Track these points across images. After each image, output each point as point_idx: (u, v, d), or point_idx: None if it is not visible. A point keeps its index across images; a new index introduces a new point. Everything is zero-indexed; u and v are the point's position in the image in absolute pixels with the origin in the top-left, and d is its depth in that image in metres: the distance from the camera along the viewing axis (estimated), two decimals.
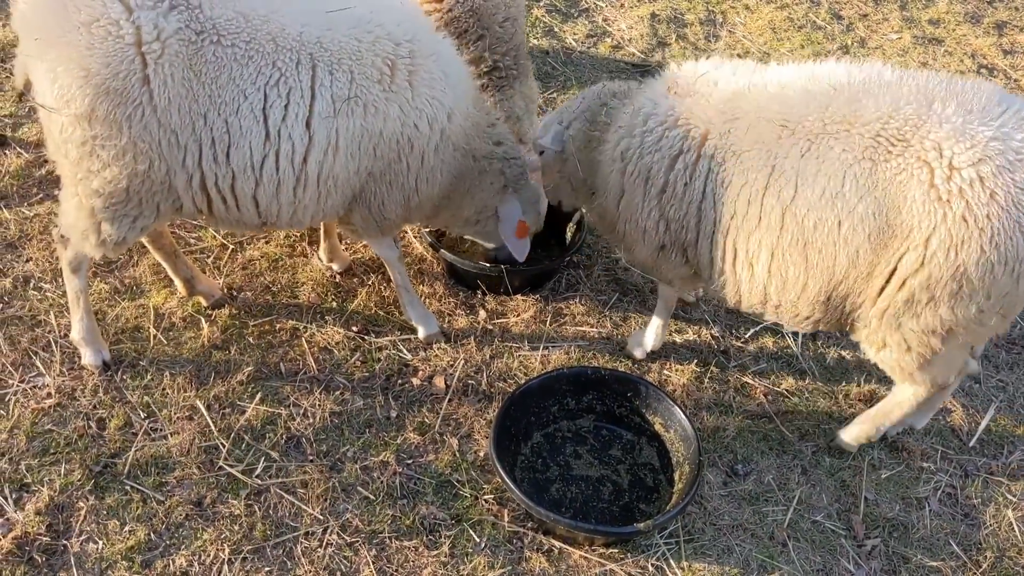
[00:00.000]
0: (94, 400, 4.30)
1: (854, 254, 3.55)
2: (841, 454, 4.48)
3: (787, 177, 3.59)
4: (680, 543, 4.07)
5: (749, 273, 3.86)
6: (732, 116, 3.77)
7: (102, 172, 3.73)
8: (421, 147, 4.12)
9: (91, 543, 3.79)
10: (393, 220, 4.37)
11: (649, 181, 4.00)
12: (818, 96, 3.59)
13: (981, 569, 4.05)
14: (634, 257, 4.36)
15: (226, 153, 3.76)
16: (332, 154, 3.88)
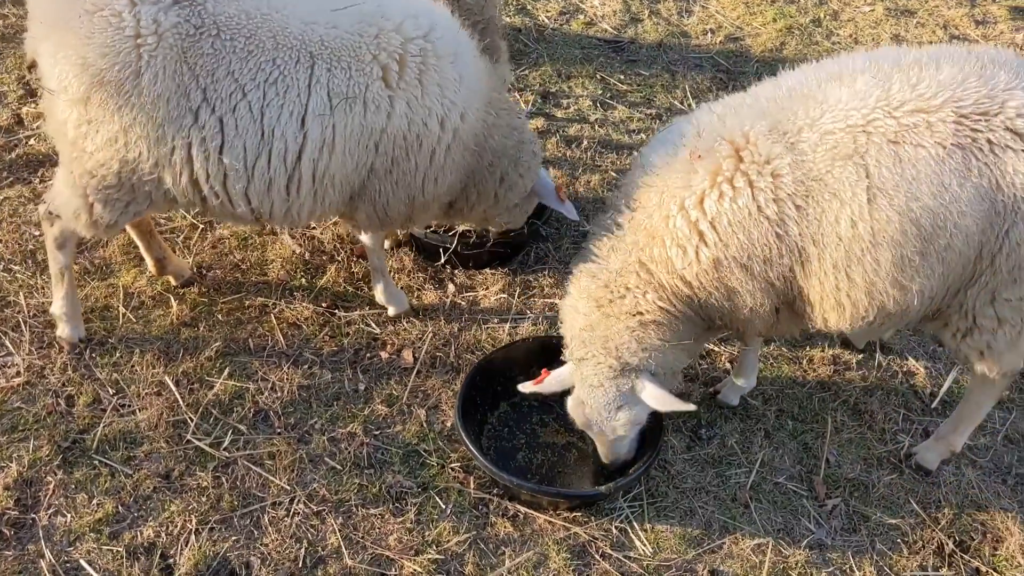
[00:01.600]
0: (63, 378, 4.34)
1: (968, 244, 3.36)
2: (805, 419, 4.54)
3: (891, 183, 3.27)
4: (644, 506, 4.13)
5: (867, 297, 3.47)
6: (787, 143, 3.39)
7: (95, 155, 3.78)
8: (431, 146, 4.04)
9: (59, 516, 3.84)
10: (395, 219, 4.31)
11: (746, 267, 3.50)
12: (863, 89, 3.37)
13: (940, 526, 4.12)
14: (750, 332, 3.93)
15: (218, 151, 3.75)
16: (328, 152, 3.84)
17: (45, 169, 5.44)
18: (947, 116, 3.25)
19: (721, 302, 3.57)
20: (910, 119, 3.26)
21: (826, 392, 4.68)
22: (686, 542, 4.01)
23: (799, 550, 4.01)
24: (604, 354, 3.69)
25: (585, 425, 3.91)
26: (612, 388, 3.72)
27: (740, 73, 7.06)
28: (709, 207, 3.41)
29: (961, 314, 3.62)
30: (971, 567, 4.00)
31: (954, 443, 4.23)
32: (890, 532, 4.11)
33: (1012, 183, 3.25)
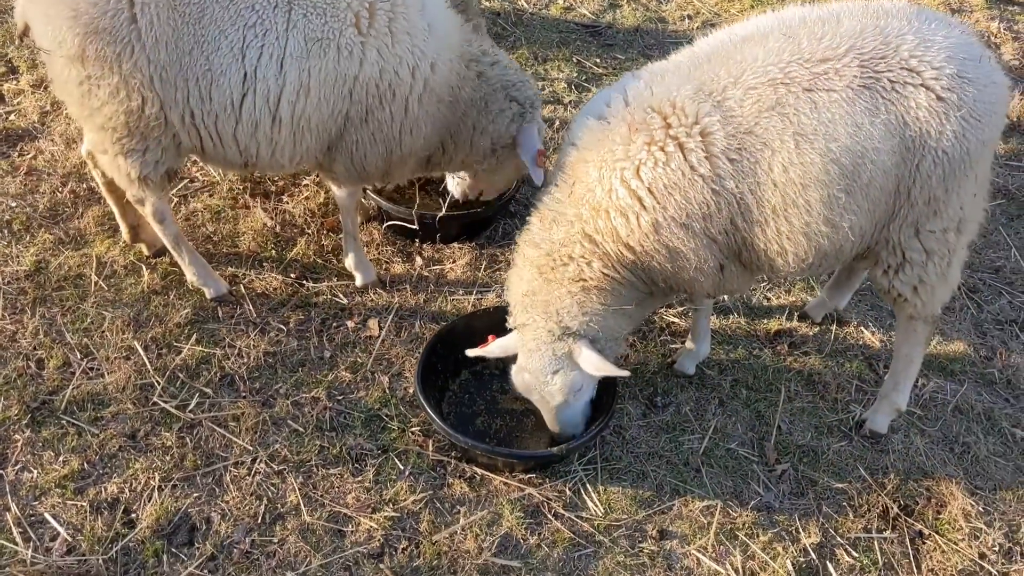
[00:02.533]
0: (34, 342, 4.45)
1: (887, 177, 3.61)
2: (759, 388, 4.65)
3: (813, 129, 3.48)
4: (598, 469, 4.24)
5: (804, 238, 3.64)
6: (714, 102, 3.55)
7: (101, 109, 3.95)
8: (404, 95, 4.18)
9: (26, 472, 3.96)
10: (373, 172, 4.46)
11: (687, 225, 3.62)
12: (776, 47, 3.58)
13: (886, 491, 4.23)
14: (698, 292, 3.95)
15: (208, 91, 3.93)
16: (304, 95, 4.00)
17: (24, 143, 5.55)
18: (851, 62, 3.51)
19: (663, 264, 3.68)
20: (820, 68, 3.51)
21: (781, 363, 4.79)
22: (637, 503, 4.12)
23: (747, 512, 4.12)
24: (544, 318, 3.80)
25: (526, 391, 4.02)
26: (549, 352, 3.83)
27: None
28: (645, 174, 3.56)
29: (889, 250, 3.86)
30: (914, 530, 4.10)
31: (898, 401, 4.36)
32: (837, 496, 4.22)
33: (916, 118, 3.51)
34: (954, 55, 3.55)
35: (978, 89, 3.55)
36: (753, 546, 3.99)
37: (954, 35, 3.64)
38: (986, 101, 3.58)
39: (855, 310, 5.11)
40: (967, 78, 3.53)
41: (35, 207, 5.14)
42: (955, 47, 3.58)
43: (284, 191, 5.46)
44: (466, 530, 3.94)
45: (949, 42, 3.58)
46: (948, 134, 3.53)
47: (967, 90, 3.53)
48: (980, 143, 3.62)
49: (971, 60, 3.59)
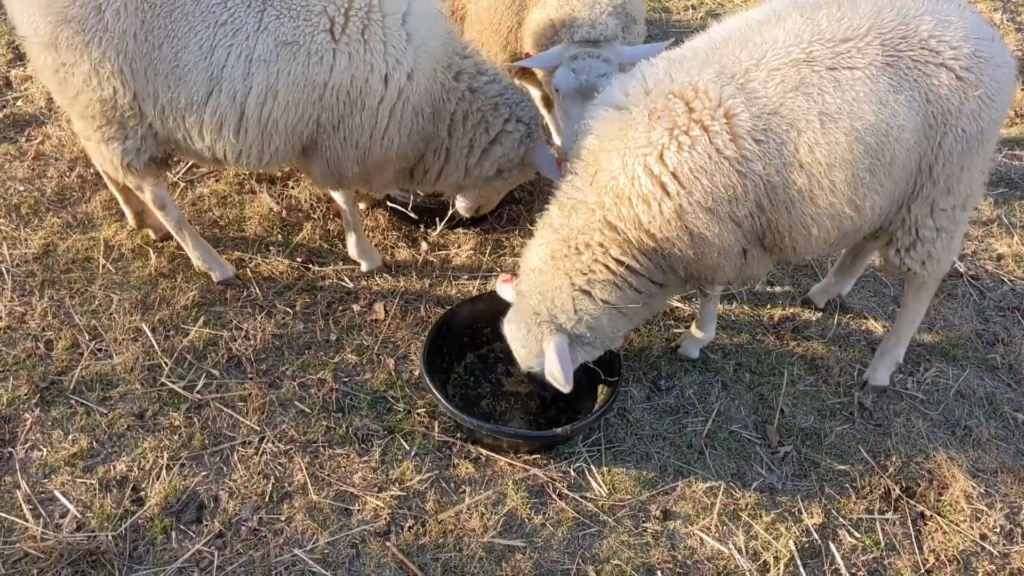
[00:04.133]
0: (43, 323, 4.49)
1: (910, 156, 3.65)
2: (762, 372, 4.68)
3: (838, 108, 3.48)
4: (602, 451, 4.27)
5: (828, 219, 3.67)
6: (737, 84, 3.52)
7: (78, 97, 3.96)
8: (374, 104, 4.07)
9: (36, 451, 3.99)
10: (350, 178, 4.37)
11: (713, 210, 3.60)
12: (795, 28, 3.58)
13: (888, 472, 4.26)
14: (719, 279, 3.92)
15: (177, 86, 3.90)
16: (272, 98, 3.95)
17: (31, 129, 5.59)
18: (873, 40, 3.52)
19: (685, 251, 3.68)
20: (842, 47, 3.51)
21: (784, 347, 4.82)
22: (641, 484, 4.15)
23: (750, 493, 4.15)
24: (538, 299, 3.84)
25: (507, 339, 4.13)
26: (526, 329, 3.92)
27: None
28: (670, 159, 3.51)
29: (905, 229, 3.94)
30: (916, 511, 4.13)
31: (898, 355, 4.58)
32: (839, 478, 4.25)
33: (939, 96, 3.54)
34: (971, 35, 3.59)
35: (993, 69, 3.60)
36: (756, 526, 4.02)
37: (967, 15, 3.67)
38: (999, 80, 3.64)
39: (858, 296, 5.13)
40: (984, 57, 3.58)
41: (43, 191, 5.18)
42: (971, 27, 3.62)
43: (290, 177, 5.49)
44: (471, 509, 3.97)
45: (965, 22, 3.61)
46: (967, 112, 3.57)
47: (984, 70, 3.57)
48: (993, 121, 3.67)
49: (985, 40, 3.62)
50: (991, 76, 3.59)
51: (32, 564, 3.61)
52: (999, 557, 3.98)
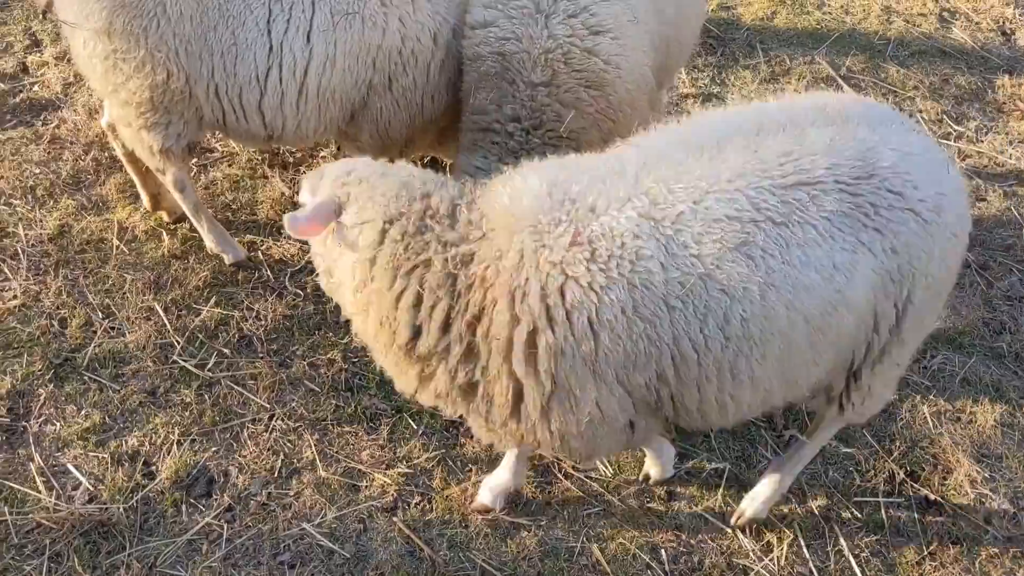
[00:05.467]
0: (57, 302, 4.55)
1: (860, 325, 3.14)
2: None
3: (784, 275, 2.89)
4: None
5: (751, 393, 3.11)
6: (662, 236, 2.88)
7: (126, 84, 4.02)
8: (426, 61, 4.26)
9: (49, 425, 4.05)
10: (397, 139, 4.51)
11: (596, 372, 2.96)
12: (739, 161, 2.97)
13: (892, 457, 4.28)
14: (596, 453, 3.36)
15: (234, 64, 3.99)
16: (330, 66, 4.07)
17: (47, 113, 5.66)
18: (828, 187, 2.95)
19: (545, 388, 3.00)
20: (792, 194, 2.92)
21: None
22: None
23: (754, 474, 4.17)
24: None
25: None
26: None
27: (730, 40, 7.17)
28: (570, 297, 2.86)
29: (858, 389, 3.43)
30: (920, 495, 4.15)
31: (786, 485, 3.98)
32: (844, 461, 4.27)
33: (906, 244, 3.01)
34: (932, 169, 3.11)
35: (956, 203, 3.16)
36: None
37: (919, 141, 3.20)
38: (962, 215, 3.20)
39: None
40: (946, 194, 3.10)
41: (58, 174, 5.24)
42: (929, 158, 3.15)
43: (302, 162, 5.54)
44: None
45: (923, 155, 3.13)
46: (937, 257, 3.09)
47: (949, 208, 3.10)
48: (960, 256, 3.28)
49: (943, 170, 3.17)
50: (956, 213, 3.13)
51: (45, 534, 3.67)
52: (1002, 541, 3.99)
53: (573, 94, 4.03)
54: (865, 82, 6.64)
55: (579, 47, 4.00)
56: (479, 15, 4.13)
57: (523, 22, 4.02)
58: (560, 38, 3.99)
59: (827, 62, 6.79)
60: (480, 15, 4.12)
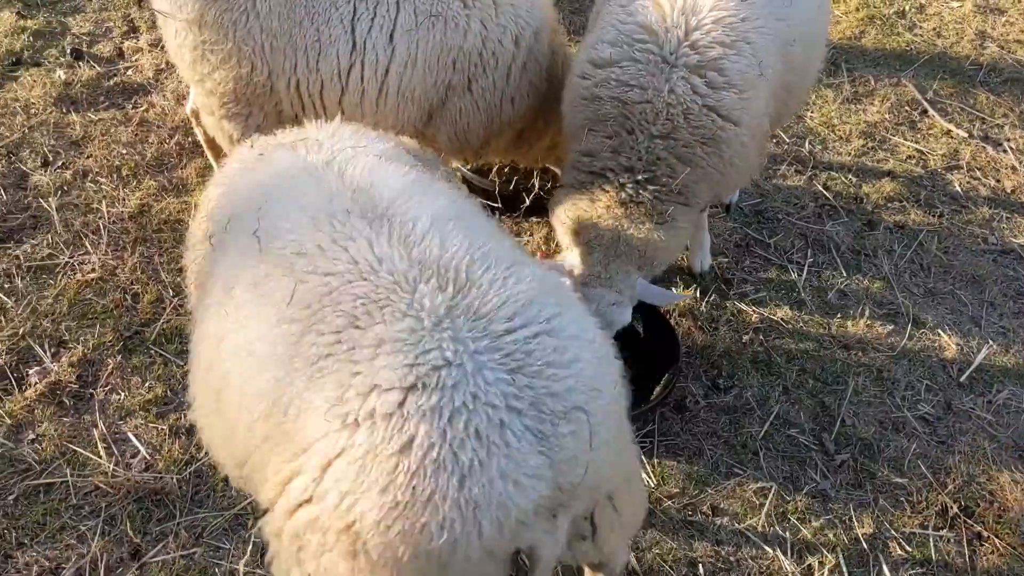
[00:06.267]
0: (132, 277, 4.74)
1: None
2: (826, 380, 4.62)
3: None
4: (654, 442, 4.29)
5: None
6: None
7: (212, 75, 4.16)
8: (506, 63, 4.31)
9: (114, 394, 4.23)
10: (474, 141, 4.56)
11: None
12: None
13: (947, 490, 4.16)
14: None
15: (316, 61, 4.10)
16: (411, 66, 4.15)
17: (138, 97, 5.90)
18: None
19: None
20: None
21: (852, 358, 4.75)
22: (691, 479, 4.16)
23: (801, 497, 4.11)
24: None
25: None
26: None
27: None
28: None
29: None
30: (973, 531, 4.04)
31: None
32: (896, 491, 4.17)
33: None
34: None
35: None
36: (804, 530, 3.99)
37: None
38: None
39: (932, 312, 5.03)
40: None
41: (143, 155, 5.46)
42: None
43: None
44: None
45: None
46: None
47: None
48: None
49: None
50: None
51: (102, 497, 3.83)
52: None
53: (689, 149, 3.91)
54: (952, 107, 6.47)
55: (699, 104, 3.85)
56: (604, 52, 3.96)
57: (648, 70, 3.87)
58: (681, 94, 3.84)
59: (913, 85, 6.64)
60: (606, 52, 3.96)
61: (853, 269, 5.25)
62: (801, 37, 4.23)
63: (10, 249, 4.86)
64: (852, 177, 5.89)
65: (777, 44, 4.09)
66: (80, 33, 6.34)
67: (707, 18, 3.93)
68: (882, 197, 5.74)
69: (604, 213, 3.98)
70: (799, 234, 5.46)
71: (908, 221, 5.58)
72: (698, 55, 3.88)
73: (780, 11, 4.11)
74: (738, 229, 5.47)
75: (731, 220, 5.52)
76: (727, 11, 3.91)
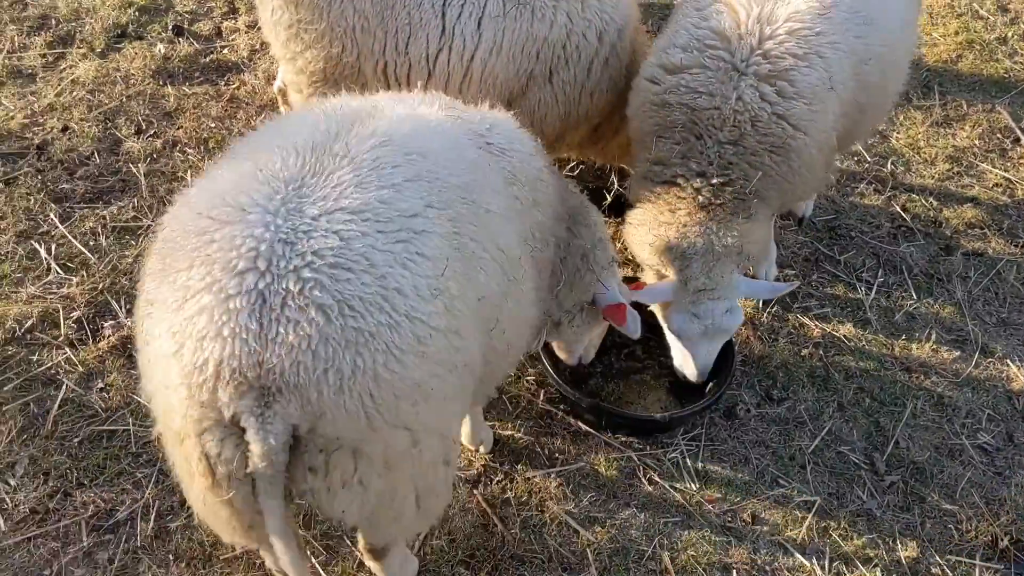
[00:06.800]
0: None
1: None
2: (884, 400, 4.54)
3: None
4: (700, 446, 4.28)
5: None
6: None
7: (304, 53, 4.30)
8: (589, 58, 4.37)
9: None
10: (548, 134, 4.60)
11: None
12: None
13: (999, 522, 4.05)
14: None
15: (406, 44, 4.21)
16: (496, 54, 4.24)
17: (231, 75, 6.12)
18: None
19: None
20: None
21: (913, 381, 4.65)
22: (734, 486, 4.14)
23: (845, 514, 4.05)
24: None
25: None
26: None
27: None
28: None
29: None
30: (1022, 565, 3.92)
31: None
32: (944, 518, 4.08)
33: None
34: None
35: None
36: (845, 547, 3.93)
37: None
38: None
39: (1003, 341, 4.88)
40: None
41: (230, 130, 5.67)
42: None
43: None
44: (560, 476, 4.08)
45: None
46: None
47: None
48: None
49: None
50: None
51: (160, 448, 3.99)
52: None
53: (758, 157, 3.93)
54: None
55: (768, 112, 3.87)
56: (675, 57, 4.00)
57: (717, 77, 3.90)
58: (749, 101, 3.86)
59: (1008, 112, 6.45)
60: (677, 57, 4.00)
61: (924, 292, 5.14)
62: (878, 58, 4.18)
63: (98, 209, 5.11)
64: (933, 200, 5.76)
65: (852, 61, 4.06)
66: (183, 11, 6.61)
67: (782, 28, 3.93)
68: (962, 223, 5.60)
69: (688, 220, 3.99)
70: (871, 253, 5.37)
71: (988, 249, 5.44)
72: (770, 64, 3.89)
73: (858, 29, 4.08)
74: (808, 243, 5.41)
75: (802, 234, 5.46)
76: (803, 23, 3.90)
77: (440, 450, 2.72)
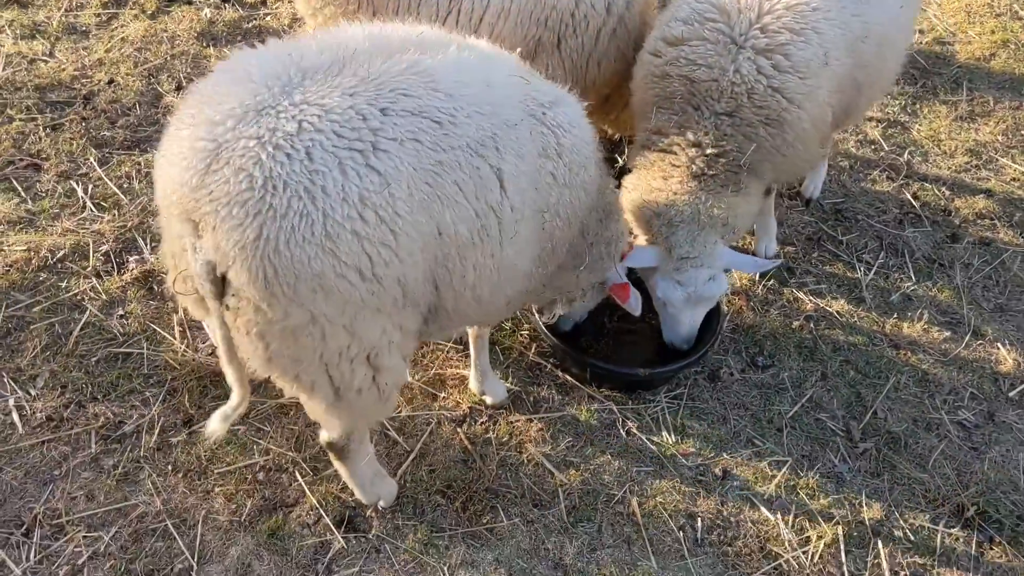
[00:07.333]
0: None
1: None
2: (868, 373, 4.64)
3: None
4: (681, 404, 4.44)
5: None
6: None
7: (323, 9, 4.47)
8: (596, 27, 4.50)
9: None
10: None
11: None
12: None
13: (967, 492, 4.14)
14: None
15: (418, 3, 4.39)
16: (503, 18, 4.40)
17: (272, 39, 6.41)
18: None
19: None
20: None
21: (899, 357, 4.75)
22: (709, 442, 4.29)
23: (814, 475, 4.18)
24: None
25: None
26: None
27: (936, 73, 6.98)
28: None
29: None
30: (985, 533, 4.00)
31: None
32: (913, 485, 4.18)
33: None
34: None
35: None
36: (811, 505, 4.06)
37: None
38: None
39: (998, 326, 4.95)
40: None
41: None
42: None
43: None
44: (542, 421, 4.27)
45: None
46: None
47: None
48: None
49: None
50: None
51: (169, 371, 4.30)
52: None
53: (753, 128, 4.07)
54: None
55: (764, 84, 4.01)
56: (676, 30, 4.15)
57: (716, 50, 4.05)
58: (746, 74, 4.00)
59: None
60: (678, 30, 4.14)
61: (924, 276, 5.22)
62: (874, 35, 4.30)
63: (135, 156, 5.44)
64: (946, 190, 5.82)
65: (848, 38, 4.18)
66: None
67: (780, 3, 4.08)
68: (973, 213, 5.66)
69: (679, 188, 4.17)
70: (875, 236, 5.46)
71: (995, 239, 5.49)
72: (767, 38, 4.03)
73: (855, 7, 4.21)
74: (813, 223, 5.52)
75: (808, 214, 5.57)
76: None
77: (351, 345, 2.93)
